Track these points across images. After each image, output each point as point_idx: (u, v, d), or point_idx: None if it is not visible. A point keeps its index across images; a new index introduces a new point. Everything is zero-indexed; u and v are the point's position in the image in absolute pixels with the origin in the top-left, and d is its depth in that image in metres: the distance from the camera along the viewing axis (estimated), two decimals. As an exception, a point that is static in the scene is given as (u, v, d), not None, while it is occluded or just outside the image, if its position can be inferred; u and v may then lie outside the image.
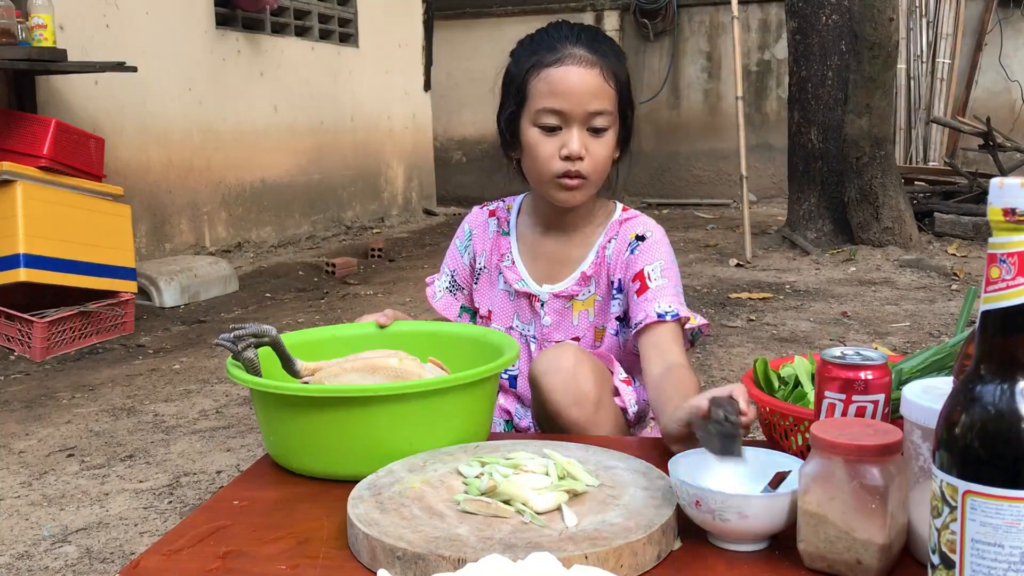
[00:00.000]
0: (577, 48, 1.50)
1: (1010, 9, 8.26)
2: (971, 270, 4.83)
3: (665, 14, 9.14)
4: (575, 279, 1.61)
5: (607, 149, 1.53)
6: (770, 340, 3.61)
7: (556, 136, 1.51)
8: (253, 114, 6.11)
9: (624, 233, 1.60)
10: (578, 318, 1.62)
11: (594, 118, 1.50)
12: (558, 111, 1.49)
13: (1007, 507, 0.73)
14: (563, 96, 1.48)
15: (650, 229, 1.60)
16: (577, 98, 1.48)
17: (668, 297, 1.51)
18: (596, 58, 1.50)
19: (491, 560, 0.86)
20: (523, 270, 1.66)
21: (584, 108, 1.49)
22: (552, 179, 1.52)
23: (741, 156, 5.73)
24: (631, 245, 1.58)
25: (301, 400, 1.20)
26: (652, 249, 1.57)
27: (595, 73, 1.49)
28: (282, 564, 0.99)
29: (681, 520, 1.02)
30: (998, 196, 0.74)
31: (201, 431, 2.75)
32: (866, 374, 1.03)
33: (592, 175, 1.52)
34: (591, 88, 1.49)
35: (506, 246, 1.68)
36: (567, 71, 1.49)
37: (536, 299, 1.63)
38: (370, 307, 4.50)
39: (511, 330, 1.67)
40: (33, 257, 3.62)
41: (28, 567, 1.93)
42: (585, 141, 1.50)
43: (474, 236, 1.72)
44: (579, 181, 1.51)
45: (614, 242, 1.60)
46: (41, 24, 3.88)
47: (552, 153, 1.51)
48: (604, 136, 1.51)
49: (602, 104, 1.49)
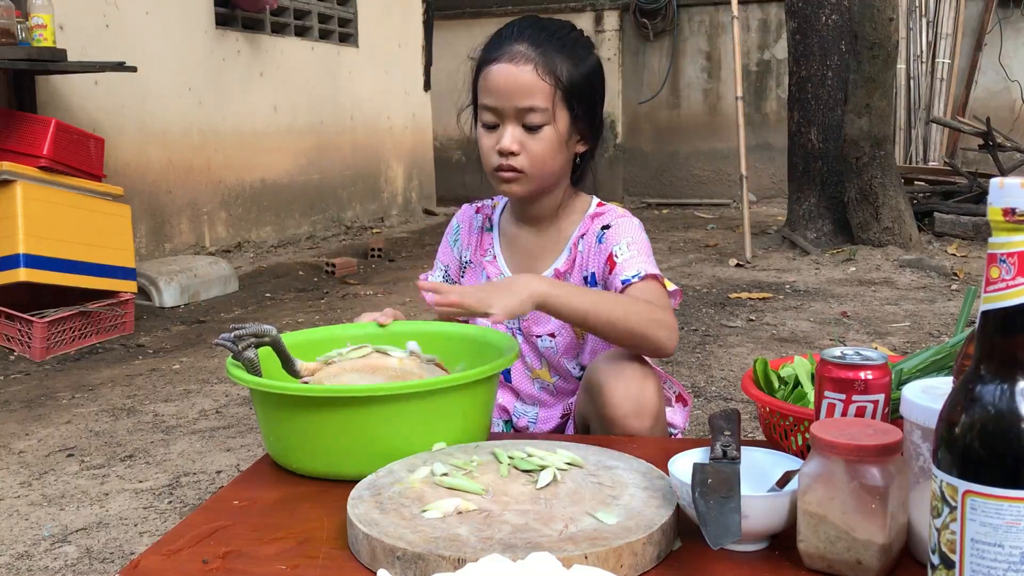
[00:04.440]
0: (517, 44, 1.52)
1: (1010, 9, 8.26)
2: (971, 270, 4.83)
3: (665, 14, 9.14)
4: (549, 275, 1.62)
5: (543, 144, 1.53)
6: (770, 340, 3.61)
7: (495, 132, 1.54)
8: (253, 114, 6.11)
9: (595, 227, 1.62)
10: None
11: (526, 115, 1.51)
12: (493, 108, 1.53)
13: (1007, 507, 0.73)
14: (495, 93, 1.52)
15: (617, 217, 1.62)
16: (506, 95, 1.51)
17: (634, 264, 1.52)
18: (535, 54, 1.51)
19: (491, 560, 0.86)
20: (503, 264, 1.69)
21: (514, 105, 1.51)
22: (492, 172, 1.56)
23: (741, 156, 5.73)
24: (598, 236, 1.60)
25: (301, 400, 1.20)
26: (617, 231, 1.59)
27: (527, 70, 1.50)
28: (282, 564, 0.99)
29: (681, 520, 1.02)
30: (998, 196, 0.74)
31: (201, 431, 2.75)
32: (866, 374, 1.03)
33: (529, 169, 1.53)
34: (520, 85, 1.50)
35: (488, 241, 1.72)
36: (500, 69, 1.51)
37: None
38: (370, 307, 4.49)
39: (497, 324, 1.67)
40: (33, 257, 3.62)
41: (28, 567, 1.93)
42: (520, 137, 1.52)
43: (461, 231, 1.76)
44: (513, 175, 1.54)
45: (585, 237, 1.62)
46: (41, 24, 3.88)
47: (490, 148, 1.54)
48: (540, 132, 1.52)
49: (533, 101, 1.50)
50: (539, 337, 1.65)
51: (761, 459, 1.09)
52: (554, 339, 1.64)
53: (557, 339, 1.64)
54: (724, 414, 1.14)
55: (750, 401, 2.30)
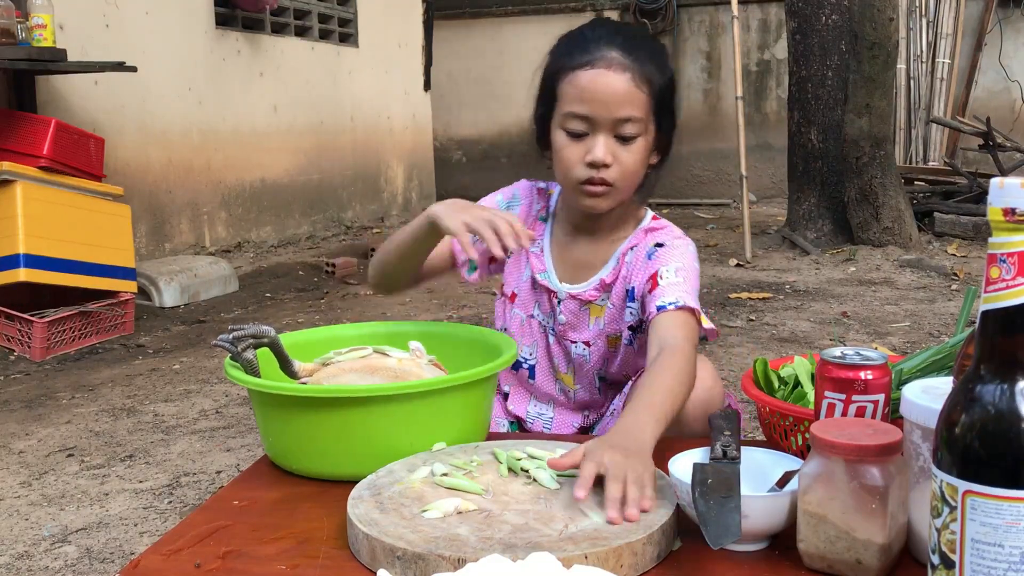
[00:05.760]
0: (610, 51, 1.44)
1: (1010, 9, 8.26)
2: (971, 270, 4.83)
3: (665, 14, 9.14)
4: (594, 284, 1.58)
5: (636, 156, 1.47)
6: (770, 340, 3.61)
7: (582, 141, 1.45)
8: (253, 114, 6.11)
9: (647, 241, 1.56)
10: (593, 322, 1.60)
11: (622, 125, 1.44)
12: (585, 116, 1.44)
13: (1007, 507, 0.73)
14: (590, 102, 1.43)
15: (674, 238, 1.56)
16: (604, 104, 1.43)
17: (675, 291, 1.45)
18: (629, 62, 1.43)
19: (491, 560, 0.86)
20: (549, 262, 1.62)
21: (611, 115, 1.43)
22: (576, 185, 1.48)
23: (741, 156, 5.73)
24: (649, 252, 1.54)
25: (300, 400, 1.20)
26: (670, 252, 1.52)
27: (626, 78, 1.43)
28: (282, 564, 0.99)
29: (681, 520, 1.02)
30: (998, 196, 0.74)
31: (201, 431, 2.74)
32: (866, 374, 1.03)
33: (619, 182, 1.47)
34: (620, 94, 1.43)
35: (540, 231, 1.64)
36: (596, 75, 1.43)
37: (554, 295, 1.61)
38: (370, 307, 4.50)
39: (532, 318, 1.64)
40: (33, 257, 3.62)
41: (28, 567, 1.93)
42: (612, 148, 1.45)
43: (520, 205, 1.65)
44: (604, 188, 1.47)
45: (635, 250, 1.56)
46: (41, 24, 3.87)
47: (577, 159, 1.46)
48: (633, 144, 1.46)
49: (631, 111, 1.43)
50: (574, 343, 1.62)
51: (761, 459, 1.09)
52: (589, 348, 1.61)
53: (591, 348, 1.61)
54: (724, 414, 1.14)
55: (750, 401, 2.30)
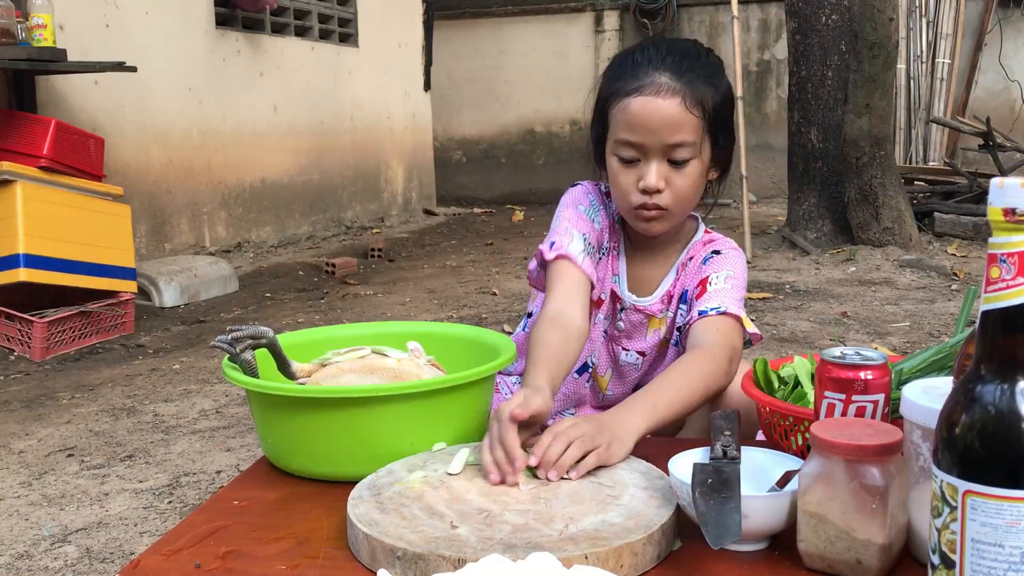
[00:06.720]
0: (660, 75, 1.42)
1: (1010, 9, 8.26)
2: (971, 270, 4.83)
3: (665, 14, 9.14)
4: (659, 297, 1.58)
5: (689, 180, 1.46)
6: (770, 340, 3.61)
7: (635, 168, 1.45)
8: (253, 114, 6.11)
9: (705, 250, 1.58)
10: (651, 334, 1.61)
11: (674, 150, 1.43)
12: (635, 144, 1.43)
13: (1007, 507, 0.73)
14: (640, 129, 1.42)
15: (729, 248, 1.59)
16: (654, 132, 1.41)
17: (719, 297, 1.47)
18: (679, 85, 1.42)
19: (491, 560, 0.86)
20: (623, 268, 1.62)
21: (662, 141, 1.42)
22: (631, 210, 1.48)
23: (741, 156, 5.73)
24: (705, 257, 1.56)
25: (300, 401, 1.20)
26: (723, 260, 1.55)
27: (675, 103, 1.41)
28: (282, 564, 0.99)
29: (681, 520, 1.02)
30: (998, 196, 0.74)
31: (201, 431, 2.74)
32: (866, 374, 1.03)
33: (673, 207, 1.46)
34: (670, 120, 1.41)
35: (616, 239, 1.62)
36: (644, 103, 1.41)
37: (620, 301, 1.61)
38: (369, 307, 4.50)
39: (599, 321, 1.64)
40: (33, 257, 3.62)
41: (28, 567, 1.93)
42: (665, 173, 1.44)
43: (598, 211, 1.60)
44: (657, 212, 1.47)
45: (694, 259, 1.58)
46: (41, 24, 3.87)
47: (630, 185, 1.46)
48: (687, 167, 1.44)
49: (683, 136, 1.42)
50: (625, 351, 1.61)
51: (761, 459, 1.09)
52: (642, 358, 1.61)
53: (645, 359, 1.61)
54: (724, 414, 1.14)
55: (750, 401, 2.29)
